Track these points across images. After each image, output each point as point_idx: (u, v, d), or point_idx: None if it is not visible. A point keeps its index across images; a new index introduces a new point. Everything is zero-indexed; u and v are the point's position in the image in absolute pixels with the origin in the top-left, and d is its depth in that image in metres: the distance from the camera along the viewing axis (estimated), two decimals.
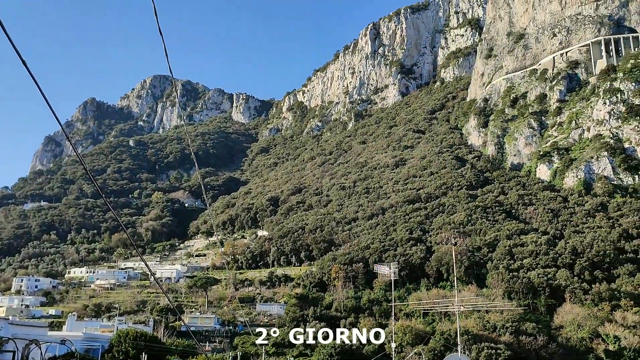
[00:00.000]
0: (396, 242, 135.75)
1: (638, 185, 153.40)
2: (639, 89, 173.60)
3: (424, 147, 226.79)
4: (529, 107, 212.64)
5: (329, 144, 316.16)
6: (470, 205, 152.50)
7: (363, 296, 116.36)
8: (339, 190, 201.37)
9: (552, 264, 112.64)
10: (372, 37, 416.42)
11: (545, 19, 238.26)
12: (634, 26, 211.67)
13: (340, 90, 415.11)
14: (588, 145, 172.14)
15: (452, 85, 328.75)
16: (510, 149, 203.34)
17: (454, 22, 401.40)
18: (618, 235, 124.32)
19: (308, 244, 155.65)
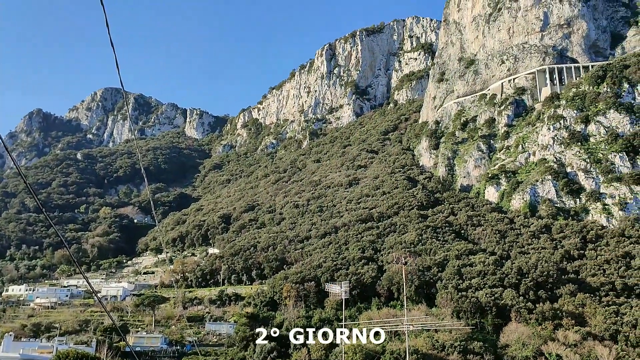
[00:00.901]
0: (348, 261, 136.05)
1: (579, 208, 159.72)
2: (580, 116, 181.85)
3: (377, 167, 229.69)
4: (479, 130, 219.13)
5: (283, 162, 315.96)
6: (421, 225, 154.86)
7: (314, 315, 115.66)
8: (293, 208, 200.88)
9: (499, 284, 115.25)
10: (327, 58, 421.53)
11: (495, 47, 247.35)
12: (575, 57, 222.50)
13: (296, 108, 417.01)
14: (533, 169, 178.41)
15: (405, 107, 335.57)
16: (460, 171, 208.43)
17: (407, 46, 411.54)
18: (560, 256, 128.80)
19: (260, 263, 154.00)
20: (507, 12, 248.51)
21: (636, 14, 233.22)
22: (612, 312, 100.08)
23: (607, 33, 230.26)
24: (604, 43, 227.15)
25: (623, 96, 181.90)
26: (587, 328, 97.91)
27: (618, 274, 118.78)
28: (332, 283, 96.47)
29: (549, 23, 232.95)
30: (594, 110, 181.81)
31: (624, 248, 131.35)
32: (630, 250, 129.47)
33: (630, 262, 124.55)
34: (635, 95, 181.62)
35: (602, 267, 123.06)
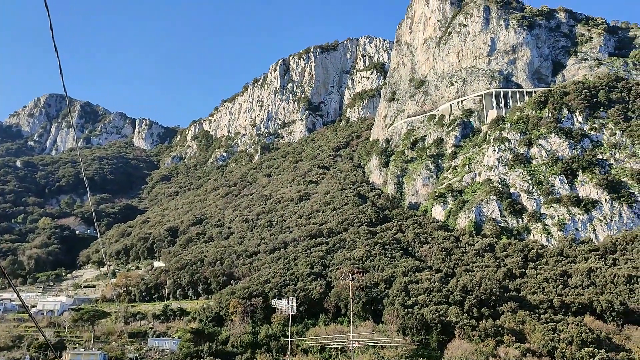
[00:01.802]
0: (297, 276, 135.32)
1: (521, 228, 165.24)
2: (524, 139, 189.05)
3: (328, 183, 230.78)
4: (427, 150, 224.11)
5: (233, 175, 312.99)
6: (369, 242, 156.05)
7: (261, 331, 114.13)
8: (242, 222, 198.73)
9: (444, 301, 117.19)
10: (281, 73, 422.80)
11: (444, 69, 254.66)
12: (520, 82, 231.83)
13: (248, 122, 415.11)
14: (479, 189, 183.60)
15: (356, 124, 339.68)
16: (409, 189, 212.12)
17: (360, 65, 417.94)
18: (503, 274, 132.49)
19: (207, 277, 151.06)
20: (457, 37, 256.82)
21: (575, 45, 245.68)
22: (550, 329, 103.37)
23: (549, 61, 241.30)
24: (546, 70, 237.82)
25: (563, 121, 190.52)
26: (527, 344, 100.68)
27: (556, 292, 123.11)
28: (280, 299, 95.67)
29: (496, 49, 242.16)
30: (536, 134, 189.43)
31: (562, 267, 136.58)
32: (568, 269, 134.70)
33: (568, 281, 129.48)
34: (574, 121, 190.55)
35: (542, 285, 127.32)
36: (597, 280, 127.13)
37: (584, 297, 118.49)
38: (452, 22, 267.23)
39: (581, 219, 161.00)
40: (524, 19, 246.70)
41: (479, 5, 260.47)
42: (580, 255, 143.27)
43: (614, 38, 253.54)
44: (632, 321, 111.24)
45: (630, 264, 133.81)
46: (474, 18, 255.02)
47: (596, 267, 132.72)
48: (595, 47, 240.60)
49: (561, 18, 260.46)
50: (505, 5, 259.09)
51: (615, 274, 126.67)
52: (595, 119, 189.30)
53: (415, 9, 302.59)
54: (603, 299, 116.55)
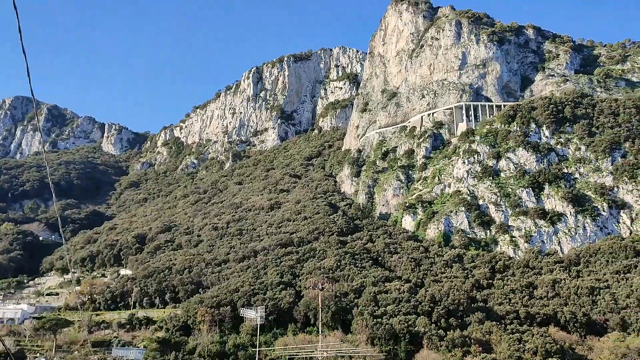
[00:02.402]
0: (266, 285, 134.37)
1: (489, 239, 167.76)
2: (492, 152, 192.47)
3: (300, 192, 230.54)
4: (398, 160, 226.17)
5: (204, 183, 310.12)
6: (340, 251, 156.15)
7: (229, 341, 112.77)
8: (211, 230, 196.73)
9: (413, 311, 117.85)
10: (254, 81, 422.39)
11: (416, 81, 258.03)
12: (489, 96, 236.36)
13: (220, 129, 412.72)
14: (448, 200, 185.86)
15: (329, 134, 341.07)
16: (380, 199, 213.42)
17: (333, 75, 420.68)
18: (471, 285, 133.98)
19: (174, 285, 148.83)
20: (429, 50, 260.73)
21: (543, 61, 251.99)
22: (516, 339, 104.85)
23: (518, 76, 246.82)
24: (515, 85, 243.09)
25: (531, 135, 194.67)
26: (493, 355, 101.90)
27: (522, 303, 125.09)
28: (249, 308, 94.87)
29: (467, 63, 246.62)
30: (504, 147, 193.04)
31: (528, 278, 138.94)
32: (533, 280, 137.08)
33: (533, 292, 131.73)
34: (541, 135, 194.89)
35: (508, 296, 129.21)
36: (561, 291, 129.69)
37: (549, 308, 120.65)
38: (425, 35, 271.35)
39: (547, 231, 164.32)
40: (494, 35, 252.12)
41: (450, 20, 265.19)
42: (546, 266, 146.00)
43: (580, 56, 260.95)
44: (594, 332, 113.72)
45: (593, 276, 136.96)
46: (446, 32, 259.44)
47: (561, 278, 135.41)
48: (562, 64, 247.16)
49: (530, 35, 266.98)
50: (476, 21, 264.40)
51: (578, 285, 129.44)
52: (561, 134, 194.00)
53: (389, 21, 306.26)
54: (567, 310, 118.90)
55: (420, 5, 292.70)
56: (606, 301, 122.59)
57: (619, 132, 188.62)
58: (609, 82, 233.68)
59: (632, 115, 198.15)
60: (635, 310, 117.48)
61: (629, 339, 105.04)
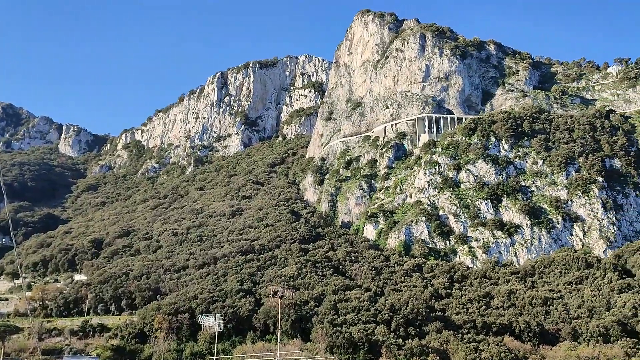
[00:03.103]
0: (225, 293, 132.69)
1: (448, 249, 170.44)
2: (453, 164, 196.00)
3: (262, 199, 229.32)
4: (361, 170, 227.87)
5: (164, 188, 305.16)
6: (301, 259, 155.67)
7: (186, 349, 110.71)
8: (171, 236, 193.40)
9: (373, 320, 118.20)
10: (219, 86, 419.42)
11: (380, 92, 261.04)
12: (451, 108, 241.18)
13: (182, 133, 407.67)
14: (409, 210, 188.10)
15: (293, 141, 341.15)
16: (342, 208, 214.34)
17: (299, 83, 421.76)
18: (430, 295, 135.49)
19: (131, 292, 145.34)
20: (393, 61, 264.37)
21: (504, 76, 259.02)
22: (472, 348, 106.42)
23: (479, 90, 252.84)
24: (476, 99, 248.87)
25: (490, 148, 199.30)
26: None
27: (479, 313, 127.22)
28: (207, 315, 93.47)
29: (430, 75, 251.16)
30: (465, 159, 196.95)
31: (485, 288, 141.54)
32: (490, 290, 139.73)
33: (490, 302, 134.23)
34: (501, 148, 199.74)
35: (466, 306, 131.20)
36: (516, 301, 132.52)
37: (505, 318, 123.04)
38: (390, 47, 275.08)
39: (504, 242, 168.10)
40: (457, 49, 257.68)
41: (415, 33, 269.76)
42: (502, 277, 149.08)
43: (538, 72, 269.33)
44: (547, 341, 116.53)
45: (547, 287, 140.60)
46: (410, 44, 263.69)
47: (516, 289, 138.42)
48: (521, 79, 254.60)
49: (491, 50, 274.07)
50: (440, 35, 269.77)
51: (533, 296, 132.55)
52: (519, 148, 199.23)
53: (355, 31, 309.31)
54: (521, 319, 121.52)
55: (386, 17, 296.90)
56: (559, 311, 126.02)
57: (574, 148, 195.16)
58: (565, 99, 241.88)
59: (586, 132, 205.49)
60: (585, 321, 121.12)
61: (580, 348, 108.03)
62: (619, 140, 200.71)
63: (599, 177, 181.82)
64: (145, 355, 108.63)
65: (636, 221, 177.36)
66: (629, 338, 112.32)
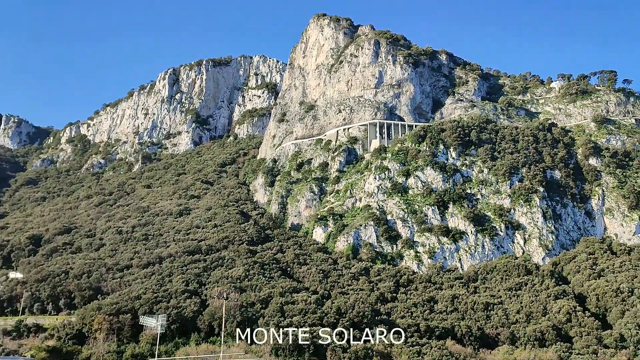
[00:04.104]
0: (170, 293, 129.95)
1: (395, 254, 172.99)
2: (402, 170, 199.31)
3: (211, 199, 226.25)
4: (313, 172, 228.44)
5: (110, 184, 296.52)
6: (249, 261, 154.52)
7: (127, 350, 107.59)
8: (115, 234, 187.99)
9: (319, 323, 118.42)
10: (170, 82, 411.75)
11: (334, 96, 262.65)
12: (402, 115, 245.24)
13: (130, 129, 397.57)
14: (358, 214, 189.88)
15: (245, 142, 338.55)
16: (292, 210, 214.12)
17: (252, 83, 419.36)
18: (376, 298, 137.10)
19: (70, 291, 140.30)
20: (347, 66, 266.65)
21: (454, 86, 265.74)
22: (416, 352, 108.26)
23: (430, 98, 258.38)
24: (427, 107, 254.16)
25: (439, 156, 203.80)
26: None
27: (423, 317, 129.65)
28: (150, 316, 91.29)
29: (383, 82, 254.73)
30: (414, 165, 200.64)
31: (430, 293, 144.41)
32: (435, 295, 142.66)
33: (434, 306, 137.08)
34: (449, 156, 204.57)
35: (410, 310, 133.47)
36: (459, 306, 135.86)
37: (447, 322, 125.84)
38: (344, 51, 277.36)
39: (449, 248, 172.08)
40: (410, 57, 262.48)
41: (370, 39, 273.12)
42: (447, 282, 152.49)
43: (487, 83, 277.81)
44: (486, 345, 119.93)
45: (488, 292, 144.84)
46: (365, 50, 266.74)
47: (459, 294, 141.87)
48: (471, 90, 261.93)
49: (443, 60, 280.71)
50: (393, 42, 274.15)
51: (475, 301, 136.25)
52: (466, 156, 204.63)
53: (310, 34, 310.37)
54: (463, 324, 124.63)
55: (342, 22, 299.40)
56: (498, 316, 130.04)
57: (518, 158, 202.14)
58: (511, 111, 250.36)
59: (530, 143, 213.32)
60: (523, 325, 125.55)
61: (517, 352, 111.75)
62: (559, 153, 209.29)
63: (540, 187, 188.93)
64: (83, 356, 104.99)
65: (572, 230, 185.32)
66: (562, 342, 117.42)
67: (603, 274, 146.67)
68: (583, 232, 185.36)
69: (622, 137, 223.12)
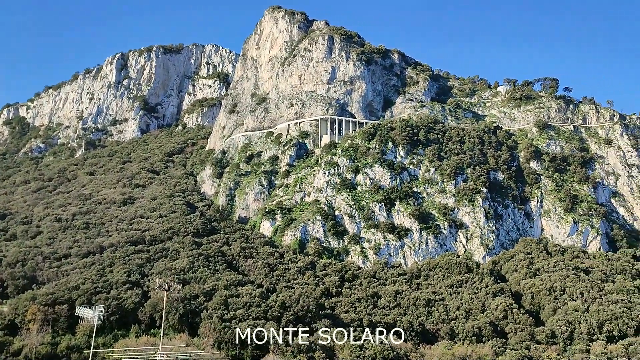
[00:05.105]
0: (111, 284, 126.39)
1: (341, 249, 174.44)
2: (352, 166, 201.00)
3: (157, 189, 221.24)
4: (262, 165, 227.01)
5: (50, 170, 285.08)
6: (194, 253, 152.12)
7: (62, 342, 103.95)
8: (54, 221, 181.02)
9: (263, 316, 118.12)
10: (118, 67, 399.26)
11: (286, 90, 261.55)
12: (354, 112, 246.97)
13: (74, 114, 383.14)
14: (307, 209, 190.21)
15: (194, 131, 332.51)
16: (240, 203, 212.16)
17: (204, 72, 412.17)
18: (321, 293, 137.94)
19: (3, 280, 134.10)
20: (301, 60, 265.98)
21: (405, 85, 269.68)
22: (358, 346, 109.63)
23: (381, 97, 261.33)
24: (378, 105, 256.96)
25: (387, 154, 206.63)
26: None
27: (366, 312, 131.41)
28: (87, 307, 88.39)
29: (336, 78, 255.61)
30: (363, 162, 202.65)
31: (374, 288, 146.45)
32: (378, 290, 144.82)
33: (377, 301, 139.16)
34: (397, 154, 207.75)
35: (354, 305, 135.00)
36: (402, 302, 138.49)
37: (390, 317, 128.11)
38: (298, 45, 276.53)
39: (394, 244, 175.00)
40: (363, 54, 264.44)
41: (324, 34, 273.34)
42: (390, 278, 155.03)
43: (436, 85, 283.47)
44: (427, 340, 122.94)
45: (430, 289, 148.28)
46: (319, 45, 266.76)
47: (402, 290, 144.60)
48: (421, 90, 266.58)
49: (395, 59, 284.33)
50: (347, 39, 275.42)
51: (417, 297, 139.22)
52: (414, 155, 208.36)
53: (264, 26, 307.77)
54: (405, 319, 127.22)
55: (297, 16, 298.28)
56: (439, 312, 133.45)
57: (463, 159, 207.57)
58: (459, 112, 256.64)
59: (475, 145, 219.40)
60: (462, 321, 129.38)
61: (455, 347, 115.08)
62: (503, 155, 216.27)
63: (483, 188, 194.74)
64: (15, 348, 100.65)
65: (512, 231, 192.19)
66: (498, 338, 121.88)
67: (538, 273, 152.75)
68: (522, 233, 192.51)
69: (561, 142, 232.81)
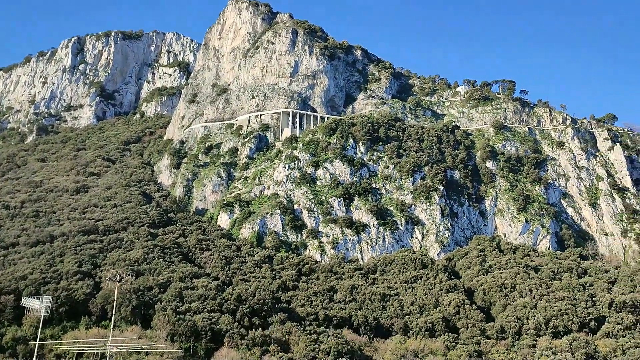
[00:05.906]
0: (61, 274, 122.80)
1: (299, 243, 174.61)
2: (312, 160, 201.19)
3: (112, 178, 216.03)
4: (221, 157, 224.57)
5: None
6: (149, 244, 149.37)
7: (7, 333, 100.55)
8: (1, 209, 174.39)
9: (218, 309, 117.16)
10: (74, 51, 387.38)
11: (248, 81, 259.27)
12: (315, 107, 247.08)
13: (26, 97, 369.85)
14: (266, 202, 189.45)
15: (152, 120, 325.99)
16: (198, 194, 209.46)
17: (164, 60, 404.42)
18: (277, 286, 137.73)
19: None
20: (263, 52, 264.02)
21: (367, 82, 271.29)
22: (313, 340, 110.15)
23: (343, 92, 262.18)
24: (340, 100, 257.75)
25: (348, 149, 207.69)
26: (290, 354, 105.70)
27: (322, 306, 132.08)
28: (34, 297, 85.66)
29: (298, 71, 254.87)
30: (323, 157, 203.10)
31: (330, 282, 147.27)
32: (335, 285, 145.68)
33: (334, 296, 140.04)
34: (357, 150, 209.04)
35: (311, 299, 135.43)
36: (357, 296, 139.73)
37: (345, 312, 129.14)
38: (261, 37, 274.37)
39: (352, 239, 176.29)
40: (326, 49, 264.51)
41: (288, 27, 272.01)
42: (347, 272, 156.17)
43: (398, 82, 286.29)
44: (381, 334, 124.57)
45: (386, 284, 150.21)
46: (282, 38, 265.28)
47: (358, 284, 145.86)
48: (382, 87, 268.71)
49: (357, 55, 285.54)
50: (311, 33, 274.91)
51: (373, 292, 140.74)
52: (374, 152, 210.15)
53: (227, 16, 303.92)
54: (360, 314, 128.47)
55: (260, 7, 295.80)
56: (394, 307, 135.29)
57: (422, 157, 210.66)
58: (419, 111, 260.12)
59: (434, 143, 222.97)
60: (416, 317, 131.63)
61: (409, 341, 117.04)
62: (460, 154, 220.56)
63: (440, 186, 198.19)
64: None
65: (467, 228, 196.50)
66: (450, 333, 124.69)
67: (490, 270, 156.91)
68: (476, 231, 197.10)
69: (516, 143, 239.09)
